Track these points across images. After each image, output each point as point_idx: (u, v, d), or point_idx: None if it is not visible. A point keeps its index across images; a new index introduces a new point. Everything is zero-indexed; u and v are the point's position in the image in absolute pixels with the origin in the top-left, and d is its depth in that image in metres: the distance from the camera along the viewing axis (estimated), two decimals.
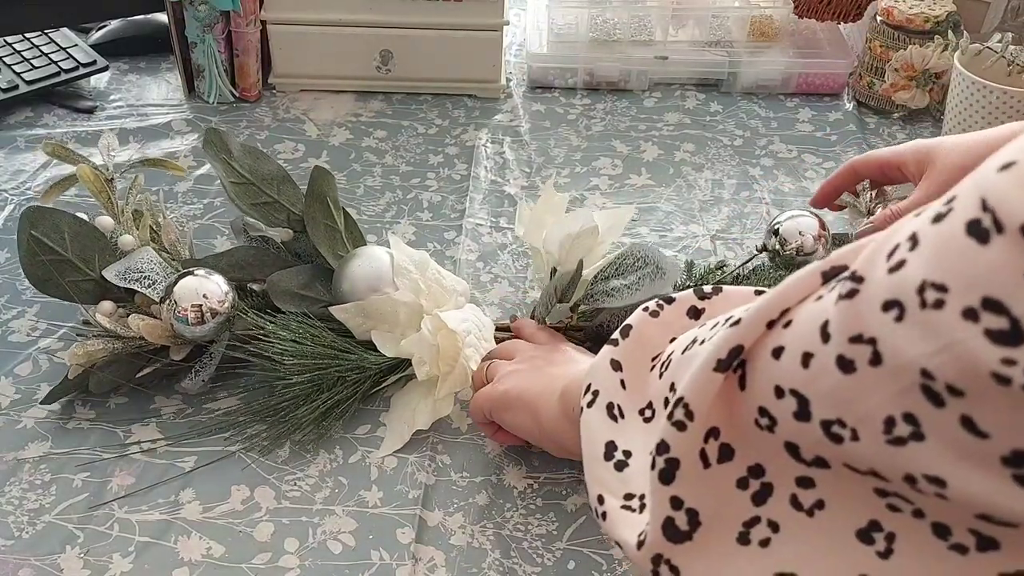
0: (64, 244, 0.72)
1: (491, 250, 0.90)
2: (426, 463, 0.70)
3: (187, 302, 0.69)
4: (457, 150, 1.02)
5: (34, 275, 0.72)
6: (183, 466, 0.69)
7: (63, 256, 0.72)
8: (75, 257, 0.73)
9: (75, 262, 0.73)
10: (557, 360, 0.67)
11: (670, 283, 0.74)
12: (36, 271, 0.72)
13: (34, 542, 0.64)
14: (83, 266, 0.73)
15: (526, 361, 0.68)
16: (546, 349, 0.70)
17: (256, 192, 0.79)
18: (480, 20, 1.05)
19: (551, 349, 0.69)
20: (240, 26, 1.04)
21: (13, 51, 1.08)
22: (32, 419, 0.72)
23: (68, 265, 0.73)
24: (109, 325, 0.70)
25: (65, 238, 0.73)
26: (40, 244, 0.72)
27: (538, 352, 0.69)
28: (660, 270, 0.75)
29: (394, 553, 0.64)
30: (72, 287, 0.73)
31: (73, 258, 0.73)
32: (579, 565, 0.64)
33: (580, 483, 0.69)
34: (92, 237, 0.74)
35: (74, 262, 0.73)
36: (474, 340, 0.72)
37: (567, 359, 0.67)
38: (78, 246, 0.73)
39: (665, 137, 1.05)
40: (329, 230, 0.78)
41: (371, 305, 0.73)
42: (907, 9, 1.05)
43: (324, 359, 0.71)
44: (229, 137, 0.80)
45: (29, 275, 0.72)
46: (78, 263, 0.73)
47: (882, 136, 1.06)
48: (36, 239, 0.72)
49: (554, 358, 0.68)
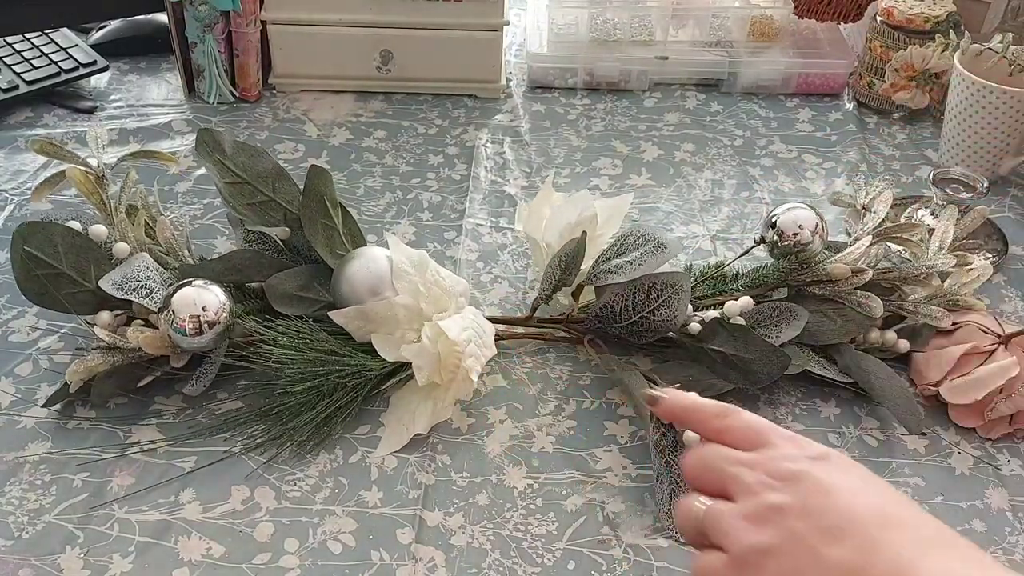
0: (58, 257, 0.72)
1: (491, 250, 0.90)
2: (426, 463, 0.70)
3: (185, 313, 0.69)
4: (457, 150, 1.02)
5: (30, 290, 0.72)
6: (183, 466, 0.69)
7: (58, 269, 0.72)
8: (70, 269, 0.72)
9: (70, 274, 0.72)
10: (845, 535, 0.40)
11: (671, 257, 0.74)
12: (32, 286, 0.72)
13: (34, 542, 0.64)
14: (79, 278, 0.73)
15: (773, 524, 0.42)
16: (800, 495, 0.42)
17: (251, 191, 0.79)
18: (480, 20, 1.05)
19: (810, 495, 0.42)
20: (240, 26, 1.03)
21: (13, 51, 1.08)
22: (32, 419, 0.72)
23: (64, 278, 0.72)
24: (108, 339, 0.70)
25: (59, 250, 0.72)
26: (34, 259, 0.72)
27: (789, 504, 0.42)
28: (661, 245, 0.75)
29: (394, 553, 0.64)
30: (69, 299, 0.72)
31: (68, 270, 0.72)
32: (579, 565, 0.64)
33: (580, 483, 0.69)
34: (86, 248, 0.73)
35: (69, 274, 0.72)
36: (475, 349, 0.72)
37: (864, 536, 0.40)
38: (73, 258, 0.73)
39: (665, 137, 1.05)
40: (327, 229, 0.78)
41: (371, 309, 0.73)
42: (907, 9, 1.05)
43: (323, 365, 0.71)
44: (221, 136, 0.80)
45: (25, 290, 0.72)
46: (73, 275, 0.72)
47: (882, 136, 1.06)
48: (30, 254, 0.71)
49: (833, 528, 0.41)
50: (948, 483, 0.70)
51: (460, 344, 0.70)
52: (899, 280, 0.78)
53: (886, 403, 0.73)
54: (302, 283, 0.76)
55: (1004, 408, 0.72)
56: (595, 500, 0.68)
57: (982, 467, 0.72)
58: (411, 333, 0.73)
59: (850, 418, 0.75)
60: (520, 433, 0.73)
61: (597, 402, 0.76)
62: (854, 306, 0.76)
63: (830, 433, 0.74)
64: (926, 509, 0.67)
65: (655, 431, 0.69)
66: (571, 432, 0.73)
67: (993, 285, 0.87)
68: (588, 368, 0.78)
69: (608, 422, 0.74)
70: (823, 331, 0.76)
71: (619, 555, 0.64)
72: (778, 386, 0.76)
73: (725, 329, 0.72)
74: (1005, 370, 0.73)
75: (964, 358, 0.75)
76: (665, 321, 0.73)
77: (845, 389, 0.76)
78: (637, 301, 0.73)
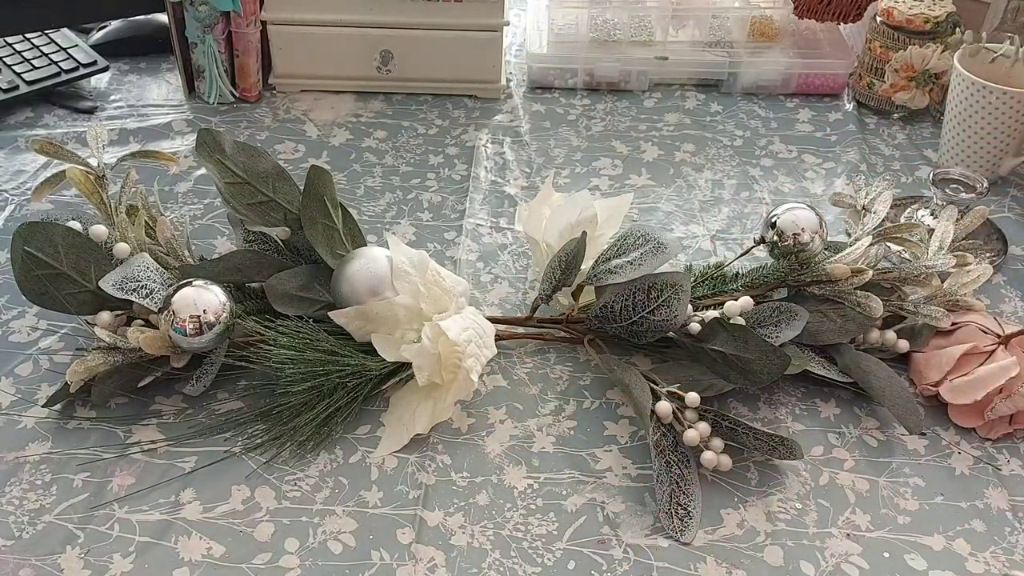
0: (59, 257, 0.72)
1: (491, 250, 0.90)
2: (426, 463, 0.70)
3: (185, 313, 0.69)
4: (457, 150, 1.02)
5: (30, 290, 0.72)
6: (183, 466, 0.69)
7: (58, 269, 0.72)
8: (70, 269, 0.72)
9: (71, 274, 0.72)
10: None
11: (671, 257, 0.75)
12: (32, 286, 0.72)
13: (34, 542, 0.64)
14: (79, 278, 0.72)
15: None
16: None
17: (251, 191, 0.79)
18: (480, 20, 1.05)
19: None
20: (240, 26, 1.04)
21: (13, 51, 1.08)
22: (32, 419, 0.72)
23: (64, 278, 0.72)
24: (109, 340, 0.70)
25: (59, 251, 0.72)
26: (34, 259, 0.72)
27: None
28: (661, 246, 0.75)
29: (394, 553, 0.64)
30: (69, 299, 0.72)
31: (68, 270, 0.72)
32: (579, 565, 0.64)
33: (580, 483, 0.69)
34: (87, 248, 0.73)
35: (70, 274, 0.72)
36: (475, 349, 0.72)
37: None
38: (73, 258, 0.72)
39: (665, 137, 1.05)
40: (327, 229, 0.78)
41: (371, 310, 0.73)
42: (907, 9, 1.05)
43: (324, 365, 0.71)
44: (222, 136, 0.79)
45: (25, 291, 0.72)
46: (74, 275, 0.72)
47: (882, 136, 1.07)
48: (30, 255, 0.71)
49: None
50: (948, 483, 0.70)
51: (460, 344, 0.70)
52: (899, 280, 0.78)
53: (886, 403, 0.73)
54: (302, 283, 0.76)
55: (1004, 408, 0.72)
56: (595, 500, 0.68)
57: (982, 467, 0.72)
58: (411, 333, 0.73)
59: (850, 418, 0.75)
60: (520, 433, 0.73)
61: (597, 402, 0.76)
62: (854, 306, 0.76)
63: (830, 433, 0.74)
64: (926, 509, 0.68)
65: (655, 431, 0.69)
66: (571, 432, 0.73)
67: (993, 285, 0.87)
68: (588, 368, 0.78)
69: (608, 422, 0.74)
70: (823, 331, 0.76)
71: (619, 555, 0.64)
72: (778, 386, 0.76)
73: (725, 329, 0.72)
74: (1005, 370, 0.73)
75: (964, 358, 0.75)
76: (665, 321, 0.73)
77: (845, 389, 0.76)
78: (637, 301, 0.73)
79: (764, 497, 0.69)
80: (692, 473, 0.68)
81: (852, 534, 0.66)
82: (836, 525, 0.67)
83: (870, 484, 0.70)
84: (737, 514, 0.67)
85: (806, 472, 0.71)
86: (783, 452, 0.69)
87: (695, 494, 0.68)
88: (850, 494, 0.69)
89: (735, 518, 0.67)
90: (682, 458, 0.69)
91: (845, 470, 0.71)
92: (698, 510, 0.67)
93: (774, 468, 0.71)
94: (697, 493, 0.68)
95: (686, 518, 0.66)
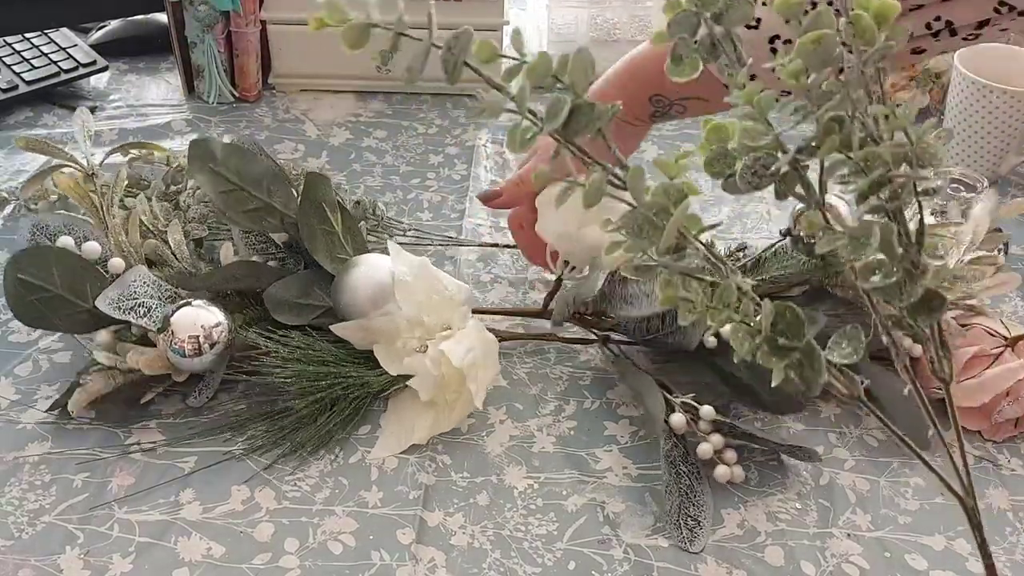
0: (53, 280, 0.70)
1: (491, 250, 0.90)
2: (426, 463, 0.70)
3: (184, 333, 0.68)
4: (457, 150, 1.02)
5: (25, 316, 0.71)
6: (183, 467, 0.69)
7: (53, 292, 0.70)
8: (66, 291, 0.71)
9: (66, 296, 0.71)
10: None
11: None
12: (26, 312, 0.70)
13: (34, 542, 0.64)
14: (75, 299, 0.71)
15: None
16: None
17: (246, 197, 0.76)
18: (480, 20, 1.05)
19: None
20: (240, 26, 1.04)
21: (13, 51, 1.08)
22: (32, 419, 0.72)
23: (59, 300, 0.71)
24: (108, 362, 0.69)
25: (53, 273, 0.70)
26: (28, 285, 0.70)
27: None
28: None
29: (394, 553, 0.64)
30: (66, 321, 0.71)
31: (64, 292, 0.71)
32: (579, 565, 0.64)
33: (580, 483, 0.69)
34: (81, 267, 0.72)
35: (65, 296, 0.71)
36: (478, 372, 0.72)
37: None
38: (67, 279, 0.71)
39: (665, 137, 1.05)
40: (326, 235, 0.77)
41: (373, 324, 0.72)
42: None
43: (326, 379, 0.71)
44: (212, 141, 0.76)
45: (20, 317, 0.71)
46: (69, 296, 0.71)
47: None
48: (23, 281, 0.70)
49: None
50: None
51: (464, 369, 0.70)
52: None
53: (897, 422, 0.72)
54: (302, 289, 0.75)
55: (1011, 411, 0.72)
56: (595, 500, 0.68)
57: (983, 467, 0.72)
58: (413, 341, 0.72)
59: (850, 418, 0.75)
60: (520, 433, 0.73)
61: (597, 402, 0.75)
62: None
63: (830, 433, 0.74)
64: (927, 509, 0.68)
65: (666, 442, 0.69)
66: (571, 432, 0.73)
67: None
68: (588, 368, 0.78)
69: (608, 422, 0.74)
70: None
71: (619, 555, 0.64)
72: None
73: None
74: (1012, 373, 0.72)
75: (971, 361, 0.75)
76: (681, 344, 0.72)
77: None
78: (652, 325, 0.73)
79: (764, 497, 0.69)
80: (703, 484, 0.68)
81: (853, 534, 0.66)
82: (837, 525, 0.67)
83: (870, 484, 0.70)
84: (737, 514, 0.67)
85: (806, 472, 0.70)
86: (801, 455, 0.69)
87: (706, 504, 0.67)
88: (851, 494, 0.69)
89: (735, 518, 0.67)
90: (693, 469, 0.68)
91: (846, 470, 0.71)
92: (708, 521, 0.66)
93: (774, 468, 0.71)
94: (708, 504, 0.67)
95: (696, 528, 0.65)
